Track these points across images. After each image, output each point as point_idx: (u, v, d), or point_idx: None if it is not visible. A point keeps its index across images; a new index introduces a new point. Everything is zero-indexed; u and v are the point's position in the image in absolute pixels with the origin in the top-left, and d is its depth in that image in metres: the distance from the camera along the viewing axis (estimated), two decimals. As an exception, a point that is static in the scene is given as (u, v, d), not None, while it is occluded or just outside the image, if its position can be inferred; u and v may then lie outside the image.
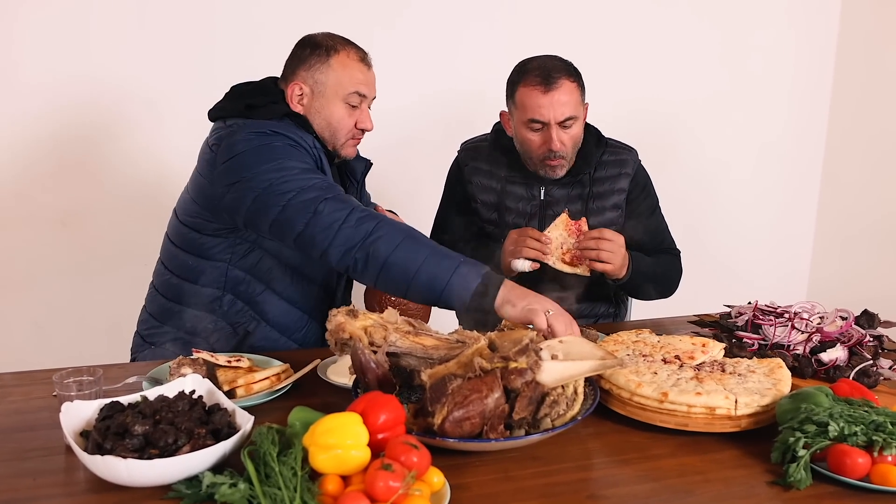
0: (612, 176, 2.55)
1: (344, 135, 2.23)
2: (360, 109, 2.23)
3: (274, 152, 2.03)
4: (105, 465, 1.31)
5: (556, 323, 1.77)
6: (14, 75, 3.10)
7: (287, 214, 1.94)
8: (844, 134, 4.30)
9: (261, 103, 2.18)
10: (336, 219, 1.89)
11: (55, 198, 3.22)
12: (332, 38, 2.22)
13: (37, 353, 3.23)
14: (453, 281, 1.81)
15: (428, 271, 1.83)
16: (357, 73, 2.20)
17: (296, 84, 2.20)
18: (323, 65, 2.18)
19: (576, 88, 2.38)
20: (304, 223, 1.91)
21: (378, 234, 1.86)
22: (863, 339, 1.97)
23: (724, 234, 4.27)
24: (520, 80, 2.39)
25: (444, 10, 3.57)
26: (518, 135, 2.46)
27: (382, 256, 1.85)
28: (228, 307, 2.23)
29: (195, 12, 3.23)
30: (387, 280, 1.88)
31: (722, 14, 4.01)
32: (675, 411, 1.61)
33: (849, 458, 1.41)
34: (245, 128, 2.09)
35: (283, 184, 1.96)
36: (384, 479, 1.23)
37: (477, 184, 2.60)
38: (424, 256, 1.84)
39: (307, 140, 2.13)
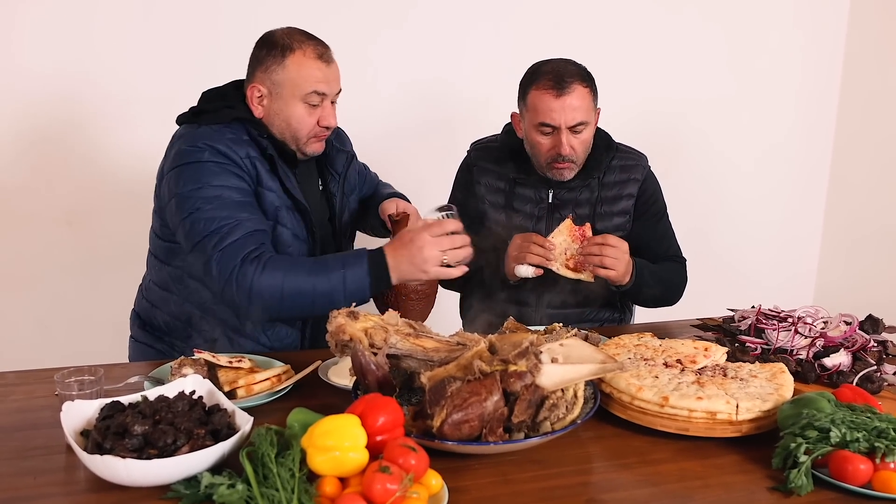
0: (622, 181, 2.54)
1: (305, 134, 2.20)
2: (322, 107, 2.18)
3: (199, 174, 2.06)
4: (104, 465, 1.31)
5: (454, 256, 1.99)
6: (20, 74, 3.11)
7: (194, 257, 2.07)
8: (852, 136, 4.28)
9: (211, 108, 2.19)
10: (221, 276, 1.99)
11: (60, 197, 3.23)
12: (290, 35, 2.17)
13: (41, 352, 3.23)
14: (349, 289, 1.97)
15: (321, 293, 1.97)
16: (314, 71, 2.14)
17: (254, 86, 2.18)
18: (279, 66, 2.14)
19: (588, 94, 2.36)
20: (205, 274, 2.05)
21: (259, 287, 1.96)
22: (867, 344, 1.96)
23: (730, 236, 4.26)
24: (532, 83, 2.38)
25: (450, 12, 3.57)
26: (528, 137, 2.45)
27: (274, 301, 1.97)
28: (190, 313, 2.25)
29: (201, 11, 3.23)
30: (289, 314, 2.10)
31: (729, 16, 4.00)
32: (676, 416, 1.61)
33: (850, 465, 1.40)
34: (183, 139, 2.14)
35: (197, 221, 2.03)
36: (381, 482, 1.23)
37: (485, 184, 2.60)
38: (312, 283, 1.97)
39: (239, 153, 2.11)
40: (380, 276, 1.98)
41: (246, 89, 2.21)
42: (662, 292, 2.52)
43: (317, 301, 1.97)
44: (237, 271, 1.97)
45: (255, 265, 1.97)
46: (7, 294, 3.27)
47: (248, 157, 2.12)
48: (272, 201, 2.15)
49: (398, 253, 1.99)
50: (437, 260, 1.97)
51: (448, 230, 2.01)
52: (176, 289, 2.25)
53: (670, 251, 2.61)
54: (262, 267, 1.97)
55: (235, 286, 1.97)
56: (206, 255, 2.01)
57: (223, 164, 2.08)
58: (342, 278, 1.96)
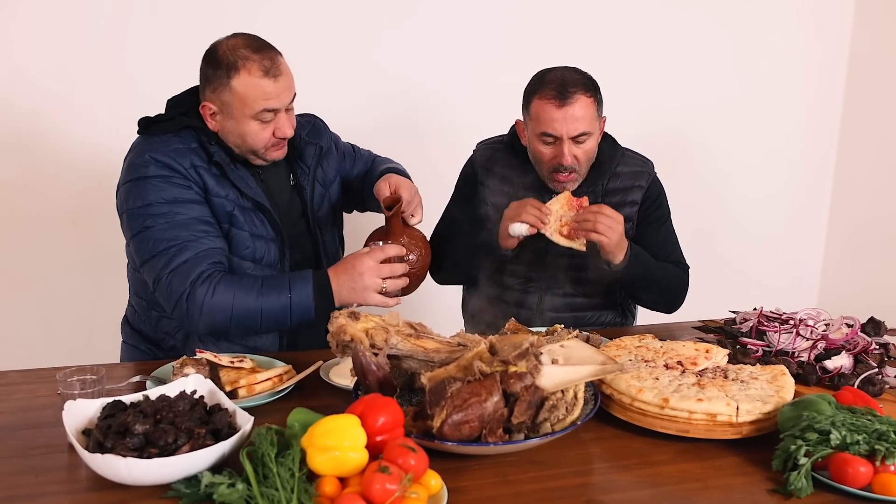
0: (626, 188, 2.52)
1: (262, 147, 2.17)
2: (276, 118, 2.14)
3: (145, 191, 2.09)
4: (105, 464, 1.32)
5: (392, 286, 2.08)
6: (24, 74, 3.11)
7: (146, 273, 2.11)
8: (856, 138, 4.27)
9: (161, 118, 2.19)
10: (172, 296, 2.04)
11: (64, 196, 3.24)
12: (234, 50, 2.08)
13: (44, 351, 3.25)
14: (294, 311, 2.05)
15: (268, 314, 2.05)
16: (262, 89, 2.08)
17: (206, 104, 2.14)
18: (225, 87, 2.08)
19: (592, 103, 2.34)
20: (156, 292, 2.10)
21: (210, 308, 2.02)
22: (868, 346, 1.96)
23: (734, 238, 4.25)
24: (535, 92, 2.36)
25: (451, 13, 3.57)
26: (531, 146, 2.44)
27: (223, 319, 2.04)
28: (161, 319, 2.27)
29: (206, 11, 3.24)
30: (238, 332, 2.14)
31: (733, 18, 3.98)
32: (677, 417, 1.61)
33: (850, 467, 1.40)
34: (132, 152, 2.17)
35: (145, 239, 2.07)
36: (381, 482, 1.23)
37: (489, 186, 2.58)
38: (260, 306, 2.04)
39: (184, 164, 2.11)
40: (324, 298, 2.05)
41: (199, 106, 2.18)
42: (661, 291, 2.50)
43: (264, 320, 2.05)
44: (187, 293, 2.02)
45: (206, 287, 2.02)
46: (11, 293, 3.28)
47: (192, 167, 2.12)
48: (223, 206, 2.15)
49: (340, 278, 2.06)
50: (375, 287, 2.05)
51: (389, 255, 2.07)
52: (145, 295, 2.28)
53: (672, 257, 2.57)
54: (212, 289, 2.02)
55: (186, 307, 2.02)
56: (156, 276, 2.06)
57: (168, 176, 2.09)
58: (288, 301, 2.04)
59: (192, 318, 2.03)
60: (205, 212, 2.12)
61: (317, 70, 3.38)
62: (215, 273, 2.05)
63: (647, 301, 2.56)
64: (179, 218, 2.07)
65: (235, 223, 2.17)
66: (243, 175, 2.20)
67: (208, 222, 2.12)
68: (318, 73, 3.38)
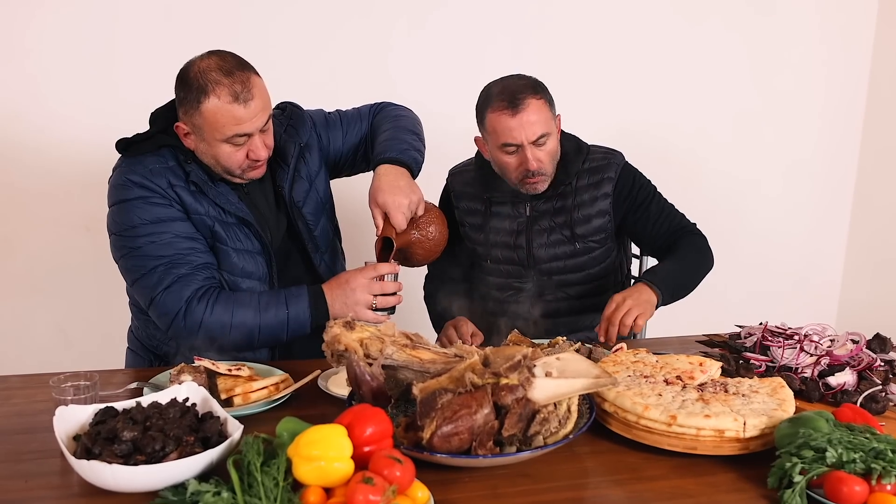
0: (595, 183, 2.53)
1: (237, 168, 2.13)
2: (250, 141, 2.09)
3: (129, 213, 2.09)
4: (91, 470, 1.32)
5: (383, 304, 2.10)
6: (38, 82, 3.15)
7: (137, 294, 2.15)
8: (877, 154, 4.21)
9: (140, 137, 2.18)
10: (168, 314, 2.06)
11: (79, 202, 3.26)
12: (205, 73, 2.02)
13: (59, 356, 3.27)
14: (291, 326, 2.09)
15: (266, 330, 2.08)
16: (232, 115, 2.02)
17: (179, 125, 2.12)
18: (196, 112, 2.04)
19: (543, 105, 2.37)
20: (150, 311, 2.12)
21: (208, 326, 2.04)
22: (873, 363, 1.92)
23: (752, 254, 4.20)
24: (487, 106, 2.39)
25: (467, 22, 3.57)
26: (494, 159, 2.46)
27: (220, 337, 2.06)
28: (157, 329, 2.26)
29: (222, 17, 3.26)
30: (234, 348, 2.11)
31: (754, 31, 3.96)
32: (684, 434, 1.58)
33: (846, 486, 1.37)
34: (113, 176, 2.18)
35: (133, 259, 2.10)
36: (364, 493, 1.23)
37: (463, 208, 2.64)
38: (258, 322, 2.07)
39: (160, 183, 2.10)
40: (319, 313, 2.09)
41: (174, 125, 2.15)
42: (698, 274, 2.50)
43: (262, 336, 2.09)
44: (184, 311, 2.04)
45: (205, 303, 2.05)
46: (26, 299, 3.31)
47: (169, 186, 2.12)
48: (203, 223, 2.14)
49: (334, 292, 2.10)
50: (366, 303, 2.09)
51: (382, 273, 2.11)
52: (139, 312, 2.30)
53: (674, 224, 2.57)
54: (210, 307, 2.05)
55: (184, 324, 2.05)
56: (149, 296, 2.07)
57: (147, 197, 2.10)
58: (286, 316, 2.08)
59: (189, 335, 2.05)
60: (189, 228, 2.13)
61: (330, 77, 3.39)
62: (211, 289, 2.07)
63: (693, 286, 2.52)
64: (165, 237, 2.08)
65: (218, 239, 2.16)
66: (223, 191, 2.18)
67: (194, 238, 2.13)
68: (331, 80, 3.39)
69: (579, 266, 2.56)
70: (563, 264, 2.55)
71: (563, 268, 2.56)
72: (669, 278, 2.38)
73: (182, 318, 2.03)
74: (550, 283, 2.57)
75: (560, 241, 2.53)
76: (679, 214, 2.60)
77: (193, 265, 2.08)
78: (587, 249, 2.55)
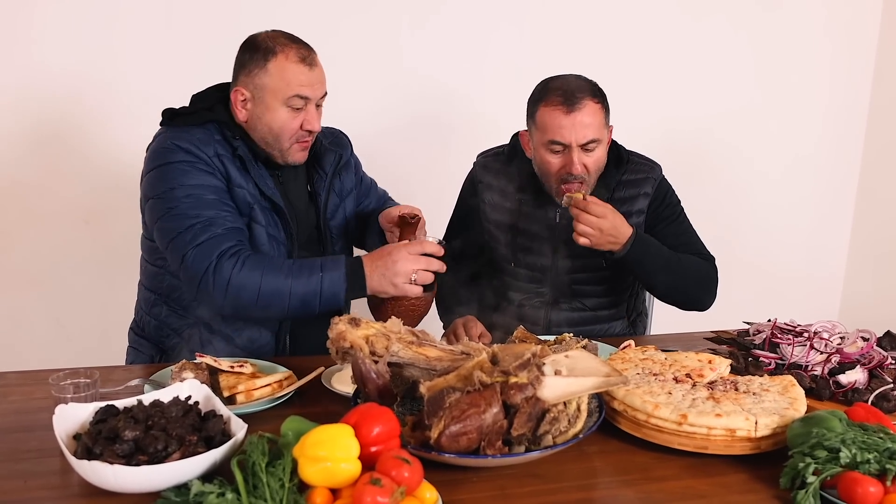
0: (631, 197, 2.44)
1: (288, 138, 2.17)
2: (306, 111, 2.16)
3: (170, 174, 2.09)
4: (92, 471, 1.30)
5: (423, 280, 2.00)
6: (38, 72, 3.12)
7: (170, 255, 2.09)
8: (881, 149, 4.20)
9: (185, 111, 2.20)
10: (197, 272, 2.00)
11: (78, 195, 3.24)
12: (274, 38, 2.16)
13: (57, 350, 3.25)
14: (324, 294, 1.99)
15: (297, 296, 1.99)
16: (297, 75, 2.12)
17: (238, 90, 2.17)
18: (261, 70, 2.12)
19: (600, 110, 2.28)
20: (180, 272, 2.07)
21: (237, 281, 1.98)
22: (884, 361, 1.90)
23: (755, 248, 4.19)
24: (541, 100, 2.29)
25: (473, 13, 3.54)
26: (537, 156, 2.36)
27: (250, 300, 1.99)
28: (168, 314, 2.26)
29: (220, 11, 3.23)
30: (265, 315, 2.07)
31: (758, 26, 3.94)
32: (695, 434, 1.56)
33: (860, 487, 1.35)
34: (156, 141, 2.17)
35: (170, 219, 2.06)
36: (371, 494, 1.20)
37: (490, 202, 2.53)
38: (289, 284, 1.99)
39: (207, 152, 2.11)
40: (355, 284, 2.00)
41: (230, 93, 2.20)
42: (675, 279, 2.39)
43: (292, 303, 2.00)
44: (214, 266, 1.99)
45: (234, 261, 1.99)
46: (24, 292, 3.28)
47: (216, 155, 2.13)
48: (244, 198, 2.15)
49: (374, 263, 2.01)
50: (407, 276, 1.99)
51: (427, 250, 2.02)
52: (156, 288, 2.28)
53: (691, 248, 2.48)
54: (241, 263, 1.99)
55: (212, 281, 1.98)
56: (181, 252, 2.02)
57: (193, 162, 2.09)
58: (319, 282, 1.99)
59: (217, 293, 1.99)
60: (228, 198, 2.12)
61: (336, 72, 3.36)
62: (243, 250, 2.03)
63: (665, 293, 2.45)
64: (205, 199, 2.07)
65: (255, 217, 2.16)
66: (263, 174, 2.20)
67: (232, 207, 2.12)
68: (337, 74, 3.36)
69: (602, 279, 2.48)
70: (586, 276, 2.47)
71: (585, 279, 2.48)
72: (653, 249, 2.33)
73: (211, 275, 1.98)
74: (568, 293, 2.49)
75: (587, 252, 2.38)
76: (699, 241, 2.52)
77: (228, 227, 2.06)
78: (614, 265, 2.42)
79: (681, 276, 2.40)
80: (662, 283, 2.40)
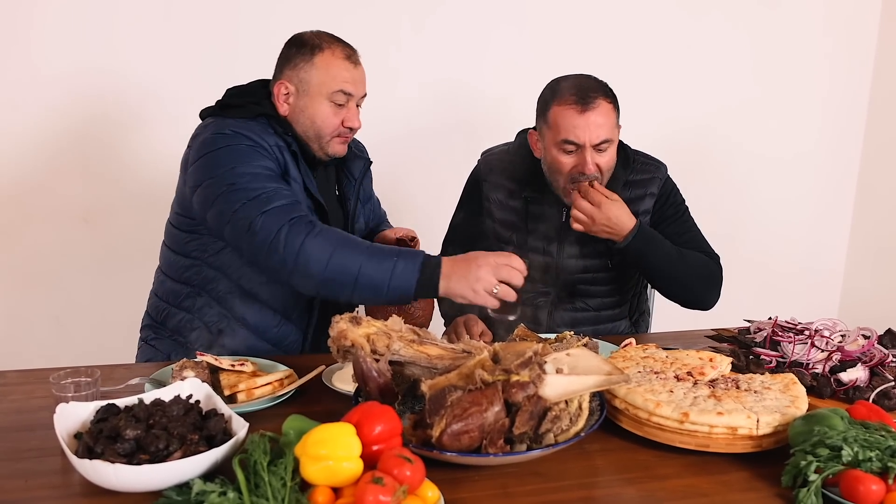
0: (637, 197, 2.43)
1: (329, 133, 2.20)
2: (347, 108, 2.20)
3: (231, 155, 2.06)
4: (94, 470, 1.29)
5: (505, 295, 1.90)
6: (39, 72, 3.12)
7: (232, 227, 2.02)
8: (881, 145, 4.20)
9: (236, 103, 2.20)
10: (267, 235, 1.94)
11: (77, 193, 3.24)
12: (319, 36, 2.21)
13: (57, 349, 3.25)
14: (393, 281, 1.89)
15: (366, 276, 1.89)
16: (342, 71, 2.17)
17: (281, 83, 2.20)
18: (307, 63, 2.17)
19: (612, 110, 2.27)
20: (245, 240, 1.99)
21: (308, 248, 1.91)
22: (885, 359, 1.90)
23: (755, 244, 4.19)
24: (554, 99, 2.27)
25: (470, 14, 3.54)
26: (548, 156, 2.34)
27: (317, 271, 1.91)
28: (202, 306, 2.24)
29: (219, 11, 3.23)
30: (328, 292, 1.97)
31: (757, 23, 3.94)
32: (696, 432, 1.56)
33: (862, 485, 1.35)
34: (211, 129, 2.14)
35: (231, 192, 2.01)
36: (374, 493, 1.20)
37: (495, 200, 2.51)
38: (359, 263, 1.90)
39: (269, 140, 2.13)
40: (429, 280, 1.90)
41: (272, 87, 2.22)
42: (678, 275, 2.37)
43: (359, 285, 1.90)
44: (287, 230, 1.92)
45: (309, 228, 1.93)
46: (23, 291, 3.28)
47: (276, 146, 2.14)
48: (297, 192, 2.14)
49: (456, 264, 1.91)
50: (489, 285, 1.88)
51: (513, 265, 1.92)
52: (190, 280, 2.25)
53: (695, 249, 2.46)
54: (315, 232, 1.93)
55: (283, 244, 1.91)
56: (249, 220, 1.95)
57: (254, 146, 2.09)
58: (392, 268, 1.89)
59: (287, 257, 1.91)
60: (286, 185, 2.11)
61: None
62: (315, 221, 1.99)
63: (669, 289, 2.43)
64: (268, 176, 2.06)
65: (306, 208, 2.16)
66: (308, 172, 2.22)
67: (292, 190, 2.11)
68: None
69: (606, 280, 2.48)
70: (590, 277, 2.46)
71: (590, 280, 2.47)
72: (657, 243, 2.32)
73: (283, 238, 1.91)
74: (572, 293, 2.48)
75: (593, 253, 2.42)
76: (703, 239, 2.50)
77: (295, 200, 2.04)
78: (618, 266, 2.45)
79: (685, 271, 2.38)
80: (666, 278, 2.39)
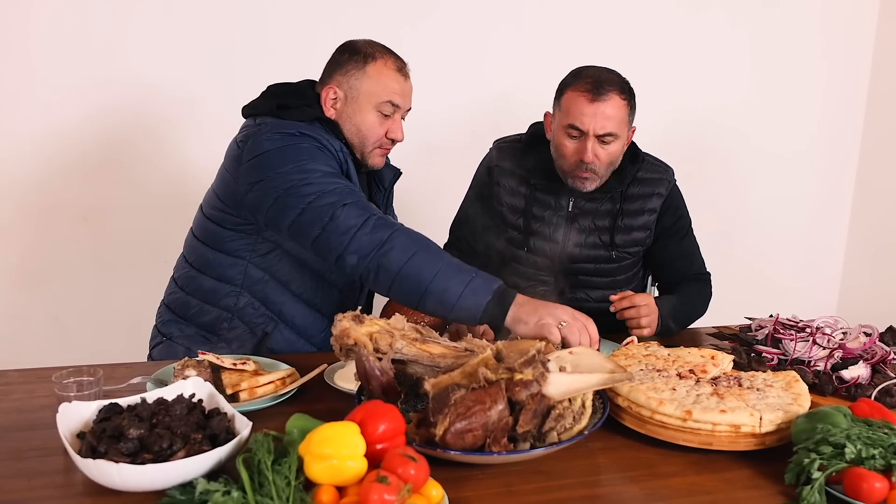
0: (645, 195, 2.47)
1: (372, 143, 2.20)
2: (393, 119, 2.21)
3: (299, 153, 2.03)
4: (97, 469, 1.29)
5: (569, 334, 1.78)
6: (35, 73, 3.11)
7: (306, 217, 1.95)
8: (879, 142, 4.20)
9: (293, 104, 2.18)
10: (352, 225, 1.90)
11: (77, 193, 3.24)
12: (373, 45, 2.21)
13: (57, 348, 3.25)
14: (465, 296, 1.83)
15: (440, 284, 1.84)
16: (393, 82, 2.18)
17: (331, 87, 2.19)
18: (359, 71, 2.17)
19: (624, 107, 2.30)
20: (321, 227, 1.93)
21: (392, 243, 1.87)
22: (887, 356, 1.90)
23: (753, 242, 4.20)
24: (570, 84, 2.32)
25: (470, 13, 3.54)
26: (555, 138, 2.39)
27: (395, 266, 1.86)
28: (245, 305, 2.22)
29: (220, 11, 3.22)
30: (399, 290, 1.90)
31: (755, 20, 3.94)
32: (699, 430, 1.56)
33: (865, 483, 1.35)
34: (273, 127, 2.10)
35: (304, 186, 1.96)
36: (378, 492, 1.20)
37: (505, 186, 2.54)
38: (437, 269, 1.85)
39: (334, 144, 2.12)
40: (500, 303, 1.84)
41: (320, 89, 2.22)
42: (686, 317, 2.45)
43: (430, 291, 1.85)
44: (373, 221, 1.91)
45: (394, 225, 1.92)
46: (22, 290, 3.28)
47: (341, 150, 2.14)
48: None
49: (532, 300, 1.86)
50: (557, 319, 1.81)
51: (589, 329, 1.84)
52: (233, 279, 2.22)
53: (693, 268, 2.55)
54: (400, 230, 1.91)
55: (368, 234, 1.89)
56: (330, 211, 1.92)
57: (320, 148, 2.08)
58: (467, 281, 1.84)
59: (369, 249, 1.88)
60: None
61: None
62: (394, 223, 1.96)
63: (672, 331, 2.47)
64: (337, 174, 2.05)
65: None
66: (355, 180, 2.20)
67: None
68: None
69: (609, 272, 2.51)
70: (593, 267, 2.49)
71: (592, 271, 2.50)
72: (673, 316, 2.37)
73: (368, 228, 1.89)
74: (574, 283, 2.51)
75: (597, 244, 2.47)
76: (701, 259, 2.58)
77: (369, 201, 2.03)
78: (621, 259, 2.49)
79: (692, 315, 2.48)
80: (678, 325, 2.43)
